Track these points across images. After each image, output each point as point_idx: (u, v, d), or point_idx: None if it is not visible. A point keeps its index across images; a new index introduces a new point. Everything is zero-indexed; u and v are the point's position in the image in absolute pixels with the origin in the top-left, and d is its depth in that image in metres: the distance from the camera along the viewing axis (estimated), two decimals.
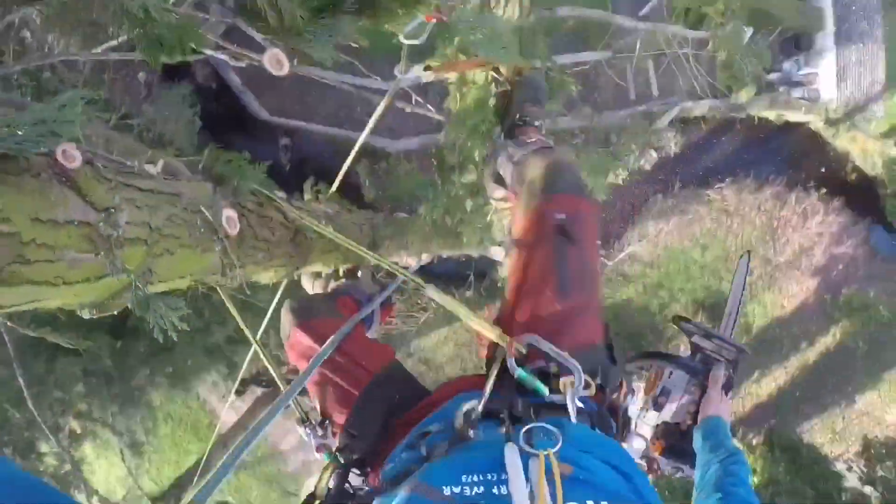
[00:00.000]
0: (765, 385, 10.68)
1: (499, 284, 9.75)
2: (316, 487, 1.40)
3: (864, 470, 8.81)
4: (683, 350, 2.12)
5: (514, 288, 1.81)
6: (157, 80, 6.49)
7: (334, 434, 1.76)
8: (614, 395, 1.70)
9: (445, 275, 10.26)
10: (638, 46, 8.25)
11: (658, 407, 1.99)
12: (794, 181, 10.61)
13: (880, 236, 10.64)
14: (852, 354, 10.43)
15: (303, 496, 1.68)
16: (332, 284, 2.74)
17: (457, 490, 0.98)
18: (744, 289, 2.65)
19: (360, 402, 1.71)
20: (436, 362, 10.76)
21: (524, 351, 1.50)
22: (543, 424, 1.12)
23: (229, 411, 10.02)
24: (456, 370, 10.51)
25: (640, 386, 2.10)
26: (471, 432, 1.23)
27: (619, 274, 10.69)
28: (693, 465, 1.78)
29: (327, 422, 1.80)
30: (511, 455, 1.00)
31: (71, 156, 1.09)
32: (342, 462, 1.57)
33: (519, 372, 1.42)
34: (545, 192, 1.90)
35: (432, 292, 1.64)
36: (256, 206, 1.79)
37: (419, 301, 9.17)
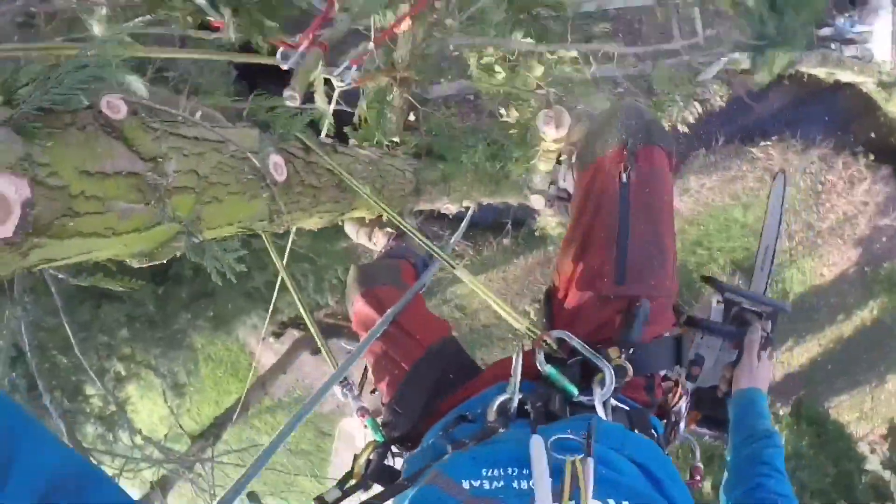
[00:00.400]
0: (797, 354, 10.55)
1: (536, 233, 9.70)
2: (354, 465, 1.37)
3: (887, 454, 8.71)
4: (716, 304, 1.88)
5: (567, 267, 1.62)
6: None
7: (383, 404, 1.72)
8: (668, 396, 1.61)
9: (484, 223, 10.25)
10: None
11: (692, 378, 1.78)
12: (842, 145, 10.23)
13: None
14: (889, 332, 10.21)
15: (336, 436, 1.70)
16: (381, 237, 2.70)
17: (476, 483, 0.94)
18: (780, 223, 2.18)
19: (407, 380, 1.67)
20: (471, 309, 10.85)
21: (554, 346, 1.41)
22: (569, 436, 1.04)
23: (268, 352, 10.29)
24: (490, 318, 10.58)
25: None
26: (500, 430, 1.17)
27: None
28: None
29: (377, 391, 1.79)
30: (537, 448, 0.93)
31: (115, 106, 1.07)
32: (383, 438, 1.56)
33: (547, 369, 1.34)
34: (607, 144, 1.59)
35: (461, 273, 1.62)
36: (303, 151, 1.77)
37: (455, 248, 9.17)
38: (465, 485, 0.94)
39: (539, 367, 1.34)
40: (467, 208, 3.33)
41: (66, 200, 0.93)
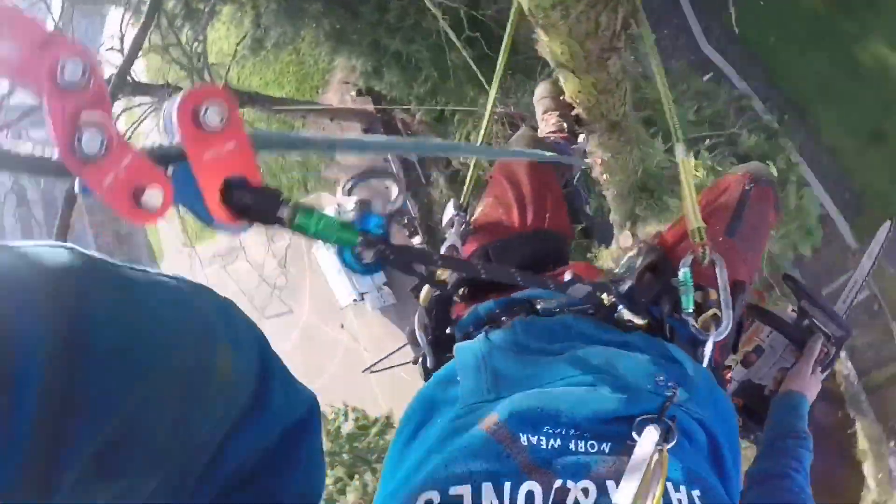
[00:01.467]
0: None
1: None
2: (438, 275, 1.38)
3: None
4: (790, 312, 1.95)
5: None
6: None
7: (465, 241, 1.74)
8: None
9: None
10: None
11: (747, 364, 1.88)
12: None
13: None
14: None
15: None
16: (552, 120, 2.63)
17: (533, 440, 0.90)
18: (875, 261, 2.44)
19: (515, 238, 1.72)
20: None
21: (707, 257, 1.44)
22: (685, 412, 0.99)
23: (335, 95, 10.17)
24: None
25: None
26: (560, 311, 1.26)
27: None
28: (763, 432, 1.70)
29: (472, 228, 1.78)
30: (650, 434, 0.88)
31: None
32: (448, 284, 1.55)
33: (684, 271, 1.38)
34: (748, 172, 1.96)
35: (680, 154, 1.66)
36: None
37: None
38: (524, 440, 0.90)
39: (680, 267, 1.40)
40: None
41: None
